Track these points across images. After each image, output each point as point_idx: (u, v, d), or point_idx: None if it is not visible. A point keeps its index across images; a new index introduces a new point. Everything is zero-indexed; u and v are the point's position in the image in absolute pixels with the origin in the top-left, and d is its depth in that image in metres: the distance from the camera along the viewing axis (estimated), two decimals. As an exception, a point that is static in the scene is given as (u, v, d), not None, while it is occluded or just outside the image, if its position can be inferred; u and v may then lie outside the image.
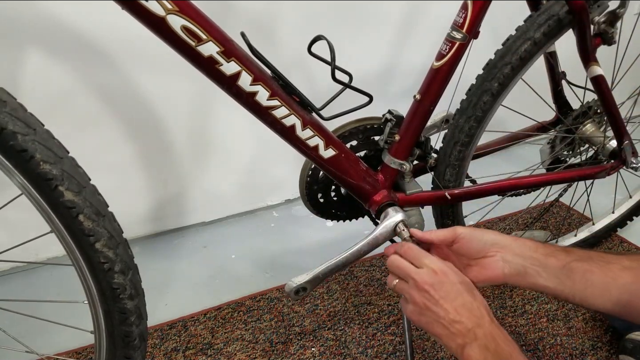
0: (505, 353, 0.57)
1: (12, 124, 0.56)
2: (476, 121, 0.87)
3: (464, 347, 0.58)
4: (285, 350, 1.04)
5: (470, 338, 0.59)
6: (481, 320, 0.60)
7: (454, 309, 0.60)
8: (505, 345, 0.58)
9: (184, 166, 1.34)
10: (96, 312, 0.69)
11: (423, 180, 0.96)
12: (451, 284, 0.62)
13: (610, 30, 0.85)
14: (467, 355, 0.58)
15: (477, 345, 0.58)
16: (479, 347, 0.58)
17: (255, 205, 1.52)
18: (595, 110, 1.03)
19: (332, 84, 0.74)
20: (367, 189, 0.85)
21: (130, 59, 1.12)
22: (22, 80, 1.04)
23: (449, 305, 0.61)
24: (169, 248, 1.38)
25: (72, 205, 0.60)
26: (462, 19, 0.78)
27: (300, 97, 0.73)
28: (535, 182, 0.98)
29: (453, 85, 0.84)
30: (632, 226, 1.31)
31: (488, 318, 0.60)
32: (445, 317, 0.60)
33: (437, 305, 0.61)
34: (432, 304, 0.61)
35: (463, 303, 0.61)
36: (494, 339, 0.58)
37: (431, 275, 0.63)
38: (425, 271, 0.64)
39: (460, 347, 0.59)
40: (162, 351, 1.04)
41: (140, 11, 0.57)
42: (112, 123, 1.18)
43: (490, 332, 0.59)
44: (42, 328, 0.86)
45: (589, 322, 1.09)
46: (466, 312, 0.60)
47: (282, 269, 1.29)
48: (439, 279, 0.63)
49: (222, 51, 0.62)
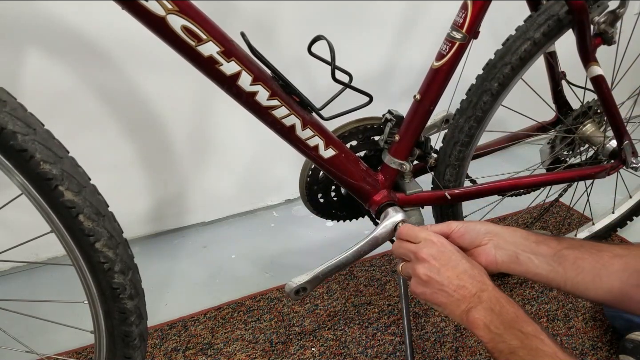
0: (511, 314, 0.57)
1: (12, 123, 0.56)
2: (476, 121, 0.87)
3: (469, 311, 0.59)
4: (285, 350, 1.04)
5: (474, 302, 0.59)
6: (484, 285, 0.61)
7: (456, 276, 0.61)
8: (510, 307, 0.58)
9: (184, 166, 1.34)
10: (96, 312, 0.69)
11: (423, 180, 0.96)
12: (450, 252, 0.64)
13: (610, 30, 0.84)
14: (473, 317, 0.58)
15: (482, 307, 0.58)
16: (484, 309, 0.58)
17: (255, 205, 1.52)
18: (595, 110, 1.03)
19: (332, 84, 0.74)
20: (367, 189, 0.85)
21: (130, 59, 1.12)
22: (22, 80, 1.04)
23: (451, 272, 0.62)
24: (169, 248, 1.38)
25: (72, 205, 0.60)
26: (462, 19, 0.78)
27: (300, 97, 0.73)
28: (535, 182, 0.98)
29: (453, 85, 0.84)
30: (632, 226, 1.31)
31: (491, 283, 0.61)
32: (449, 285, 0.61)
33: (440, 273, 0.62)
34: (434, 274, 0.62)
35: (464, 269, 0.62)
36: (498, 300, 0.59)
37: (429, 246, 0.64)
38: (423, 244, 0.65)
39: (465, 312, 0.59)
40: (162, 351, 1.04)
41: (140, 11, 0.57)
42: (112, 123, 1.18)
43: (494, 295, 0.59)
44: (42, 328, 0.86)
45: (589, 322, 1.09)
46: (468, 278, 0.61)
47: (282, 269, 1.29)
48: (437, 248, 0.64)
49: (222, 51, 0.62)
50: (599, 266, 0.63)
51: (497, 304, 0.58)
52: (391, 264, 1.27)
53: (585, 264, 0.63)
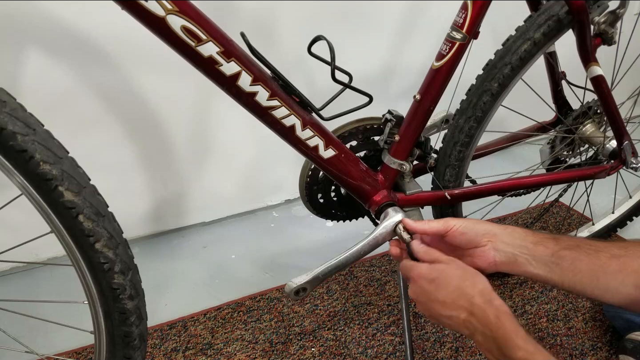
0: (500, 336, 0.57)
1: (12, 124, 0.56)
2: (476, 121, 0.87)
3: (472, 336, 0.61)
4: (285, 350, 1.04)
5: (471, 328, 0.60)
6: (471, 307, 0.60)
7: (444, 306, 0.62)
8: (498, 329, 0.58)
9: (184, 166, 1.34)
10: (96, 312, 0.69)
11: (423, 180, 0.96)
12: (429, 281, 0.65)
13: (610, 30, 0.84)
14: (477, 341, 0.60)
15: (479, 333, 0.59)
16: (482, 335, 0.59)
17: (255, 206, 1.52)
18: (595, 111, 1.03)
19: (332, 84, 0.74)
20: (367, 189, 0.85)
21: (130, 59, 1.12)
22: (22, 80, 1.04)
23: (437, 305, 0.63)
24: (169, 248, 1.38)
25: (72, 205, 0.60)
26: (462, 19, 0.78)
27: (300, 97, 0.73)
28: (535, 182, 0.98)
29: (453, 85, 0.84)
30: (632, 226, 1.31)
31: (478, 299, 0.60)
32: (443, 314, 0.62)
33: (433, 302, 0.64)
34: (429, 302, 0.64)
35: (446, 296, 0.62)
36: (487, 324, 0.59)
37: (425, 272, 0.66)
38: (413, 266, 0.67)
39: (470, 336, 0.61)
40: (162, 351, 1.04)
41: (140, 11, 0.57)
42: (112, 123, 1.18)
43: (482, 317, 0.59)
44: (42, 328, 0.86)
45: (589, 322, 1.09)
46: (453, 305, 0.62)
47: (282, 269, 1.29)
48: (431, 277, 0.65)
49: (222, 51, 0.62)
50: (596, 267, 0.63)
51: (487, 328, 0.59)
52: (391, 264, 1.27)
53: (582, 265, 0.64)
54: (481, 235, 0.68)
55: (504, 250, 0.67)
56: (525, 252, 0.67)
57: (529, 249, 0.67)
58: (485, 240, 0.68)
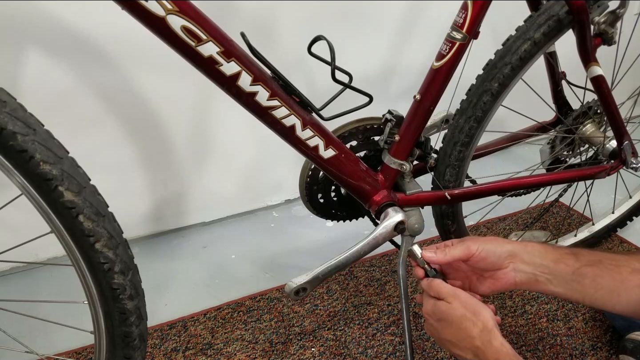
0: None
1: (12, 124, 0.56)
2: (476, 121, 0.87)
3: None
4: (285, 350, 1.04)
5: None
6: (475, 349, 0.63)
7: (453, 345, 0.66)
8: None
9: (184, 166, 1.34)
10: (96, 312, 0.69)
11: (423, 180, 0.96)
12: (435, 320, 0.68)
13: (610, 30, 0.84)
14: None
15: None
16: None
17: (255, 206, 1.52)
18: (595, 111, 1.03)
19: (332, 84, 0.74)
20: (367, 189, 0.85)
21: (130, 59, 1.12)
22: (22, 80, 1.04)
23: (447, 344, 0.67)
24: (169, 248, 1.38)
25: (72, 205, 0.60)
26: (462, 19, 0.78)
27: (300, 97, 0.73)
28: (535, 182, 0.98)
29: (453, 85, 0.84)
30: (632, 226, 1.31)
31: (478, 341, 0.62)
32: (454, 352, 0.66)
33: (443, 340, 0.68)
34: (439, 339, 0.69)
35: (452, 335, 0.65)
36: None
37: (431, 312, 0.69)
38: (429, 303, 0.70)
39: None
40: (162, 351, 1.04)
41: (140, 11, 0.57)
42: (112, 123, 1.18)
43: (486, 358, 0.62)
44: (42, 328, 0.86)
45: (589, 322, 1.09)
46: (459, 345, 0.65)
47: (282, 269, 1.29)
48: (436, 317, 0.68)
49: (222, 51, 0.62)
50: (617, 283, 0.64)
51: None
52: (391, 264, 1.27)
53: (604, 282, 0.65)
54: (503, 258, 0.69)
55: (524, 270, 0.68)
56: (545, 271, 0.67)
57: (550, 267, 0.67)
58: (507, 262, 0.69)
